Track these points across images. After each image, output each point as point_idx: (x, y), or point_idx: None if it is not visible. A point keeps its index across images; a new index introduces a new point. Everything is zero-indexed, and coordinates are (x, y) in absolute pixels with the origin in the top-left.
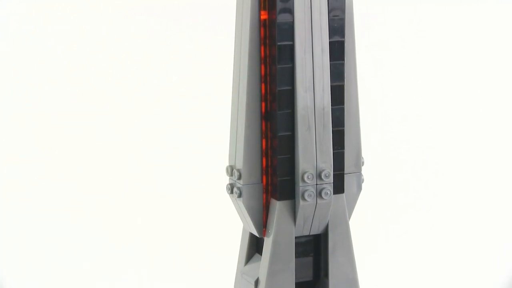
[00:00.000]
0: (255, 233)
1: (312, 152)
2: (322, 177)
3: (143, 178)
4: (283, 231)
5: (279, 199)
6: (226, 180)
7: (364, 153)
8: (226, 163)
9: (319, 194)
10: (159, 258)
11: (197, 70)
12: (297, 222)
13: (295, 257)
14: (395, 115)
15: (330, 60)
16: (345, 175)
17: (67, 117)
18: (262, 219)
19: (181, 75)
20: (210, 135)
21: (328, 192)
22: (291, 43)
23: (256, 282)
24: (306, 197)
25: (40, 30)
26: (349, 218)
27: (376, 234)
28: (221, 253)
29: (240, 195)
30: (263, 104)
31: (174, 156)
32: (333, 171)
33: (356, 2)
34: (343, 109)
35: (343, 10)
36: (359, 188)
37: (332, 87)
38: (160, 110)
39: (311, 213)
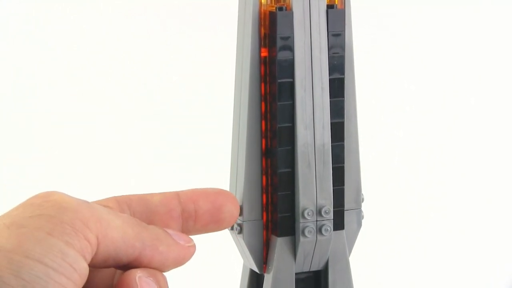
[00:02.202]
0: (256, 269)
1: (312, 188)
2: (322, 213)
3: (143, 178)
4: (283, 267)
5: (279, 235)
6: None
7: (364, 190)
8: (226, 163)
9: (319, 230)
10: None
11: (197, 70)
12: (297, 259)
13: None
14: (394, 150)
15: (330, 97)
16: (345, 211)
17: (67, 117)
18: (262, 255)
19: (181, 75)
20: (210, 135)
21: (328, 229)
22: (291, 80)
23: None
24: (306, 233)
25: (40, 30)
26: (349, 255)
27: (376, 270)
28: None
29: (240, 232)
30: (264, 141)
31: (174, 156)
32: (333, 208)
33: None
34: (343, 146)
35: (342, 47)
36: (359, 225)
37: (332, 124)
38: (160, 110)
39: (311, 250)
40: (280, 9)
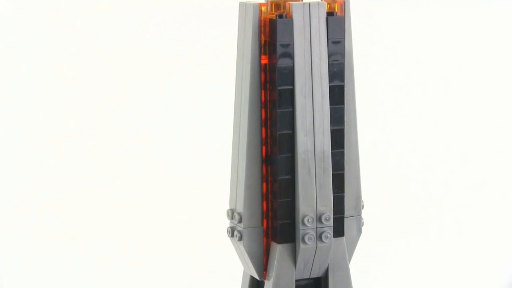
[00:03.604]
0: (256, 276)
1: (312, 195)
2: (322, 220)
3: (143, 183)
4: (283, 274)
5: (279, 242)
6: (227, 223)
7: (364, 197)
8: (227, 170)
9: (319, 237)
10: (160, 271)
11: (197, 77)
12: (297, 265)
13: None
14: (395, 157)
15: (330, 104)
16: (345, 218)
17: (67, 118)
18: (262, 262)
19: (181, 82)
20: (210, 142)
21: (328, 235)
22: (291, 87)
23: None
24: (306, 240)
25: (40, 30)
26: (349, 261)
27: (376, 277)
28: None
29: (240, 239)
30: (264, 148)
31: (174, 163)
32: (333, 215)
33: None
34: (343, 153)
35: (342, 54)
36: (359, 231)
37: (332, 131)
38: (160, 117)
39: (311, 256)
40: (280, 16)
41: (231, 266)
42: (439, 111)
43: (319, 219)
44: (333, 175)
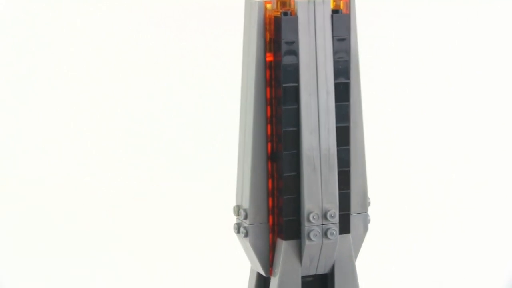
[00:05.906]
0: (262, 272)
1: (317, 192)
2: (328, 217)
3: (148, 181)
4: (289, 270)
5: (285, 238)
6: (234, 219)
7: (370, 194)
8: (233, 167)
9: (324, 234)
10: (160, 273)
11: (203, 75)
12: (303, 262)
13: None
14: (401, 154)
15: (335, 102)
16: (351, 215)
17: (67, 118)
18: (268, 258)
19: (187, 80)
20: (217, 139)
21: (334, 232)
22: (296, 84)
23: None
24: (311, 237)
25: (40, 30)
26: (355, 259)
27: (383, 275)
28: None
29: (246, 235)
30: (269, 145)
31: (180, 160)
32: (339, 212)
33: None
34: (348, 150)
35: (348, 52)
36: (365, 229)
37: (337, 128)
38: (166, 114)
39: (317, 253)
40: (285, 14)
41: (239, 262)
42: (445, 109)
43: (324, 216)
44: (338, 172)
